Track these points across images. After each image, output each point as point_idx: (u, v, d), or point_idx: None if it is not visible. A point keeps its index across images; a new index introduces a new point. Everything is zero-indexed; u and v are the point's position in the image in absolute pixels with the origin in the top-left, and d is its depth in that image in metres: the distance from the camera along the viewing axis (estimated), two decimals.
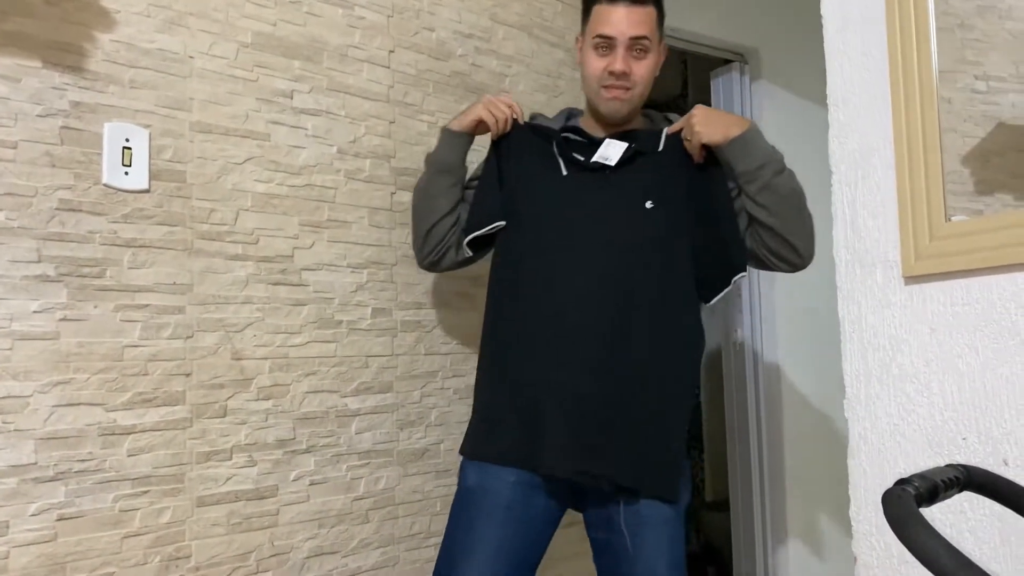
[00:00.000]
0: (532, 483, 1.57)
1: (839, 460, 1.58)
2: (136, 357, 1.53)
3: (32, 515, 1.40)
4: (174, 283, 1.58)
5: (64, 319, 1.45)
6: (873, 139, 1.52)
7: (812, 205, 1.72)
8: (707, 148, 1.62)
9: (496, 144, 1.71)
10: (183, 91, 1.62)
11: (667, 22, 2.70)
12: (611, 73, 1.61)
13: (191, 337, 1.60)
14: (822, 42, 1.64)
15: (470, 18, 2.12)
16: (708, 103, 3.19)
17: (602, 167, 1.62)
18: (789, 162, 3.13)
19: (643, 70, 1.63)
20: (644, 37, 1.61)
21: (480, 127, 1.70)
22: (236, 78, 1.69)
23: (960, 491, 0.96)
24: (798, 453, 2.99)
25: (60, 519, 1.43)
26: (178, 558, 1.55)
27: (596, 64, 1.63)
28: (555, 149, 1.66)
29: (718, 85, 3.13)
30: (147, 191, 1.56)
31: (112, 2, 1.54)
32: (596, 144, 1.65)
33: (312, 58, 1.81)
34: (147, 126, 1.57)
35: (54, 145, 1.46)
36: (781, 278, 3.03)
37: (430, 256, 1.74)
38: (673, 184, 1.62)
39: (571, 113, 1.79)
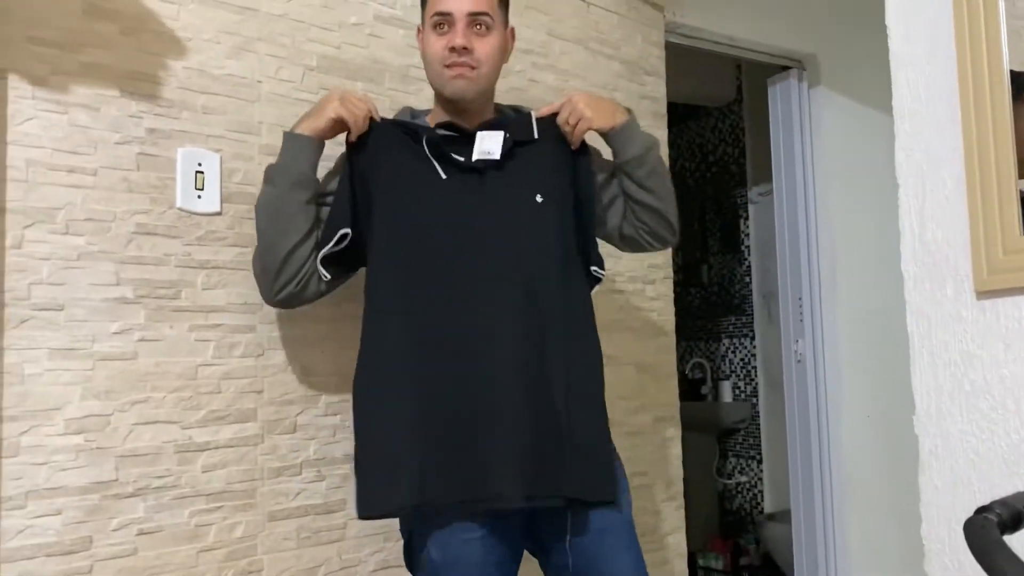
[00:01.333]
0: (492, 533, 1.42)
1: (902, 474, 1.56)
2: (210, 376, 1.57)
3: (114, 530, 1.45)
4: (245, 303, 1.62)
5: (142, 339, 1.50)
6: (941, 151, 1.50)
7: (879, 215, 1.69)
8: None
9: (353, 146, 1.53)
10: (252, 115, 1.67)
11: (721, 29, 2.71)
12: (452, 49, 1.50)
13: (262, 355, 1.64)
14: (883, 47, 1.62)
15: (527, 33, 2.14)
16: (765, 109, 3.16)
17: (484, 165, 1.49)
18: (855, 172, 3.09)
19: (487, 48, 1.53)
20: (484, 13, 1.52)
21: (336, 128, 1.51)
22: (302, 101, 1.73)
23: None
24: (859, 466, 2.94)
25: (140, 534, 1.48)
26: (251, 572, 1.59)
27: (436, 44, 1.53)
28: (426, 149, 1.49)
29: (775, 92, 3.10)
30: (219, 214, 1.61)
31: (184, 31, 1.59)
32: (469, 138, 1.52)
33: (374, 79, 1.85)
34: (218, 150, 1.62)
35: (131, 171, 1.52)
36: (844, 291, 2.98)
37: (288, 287, 1.50)
38: (557, 173, 1.56)
39: (414, 113, 1.66)
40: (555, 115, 1.58)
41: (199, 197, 1.58)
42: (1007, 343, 1.39)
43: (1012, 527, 0.87)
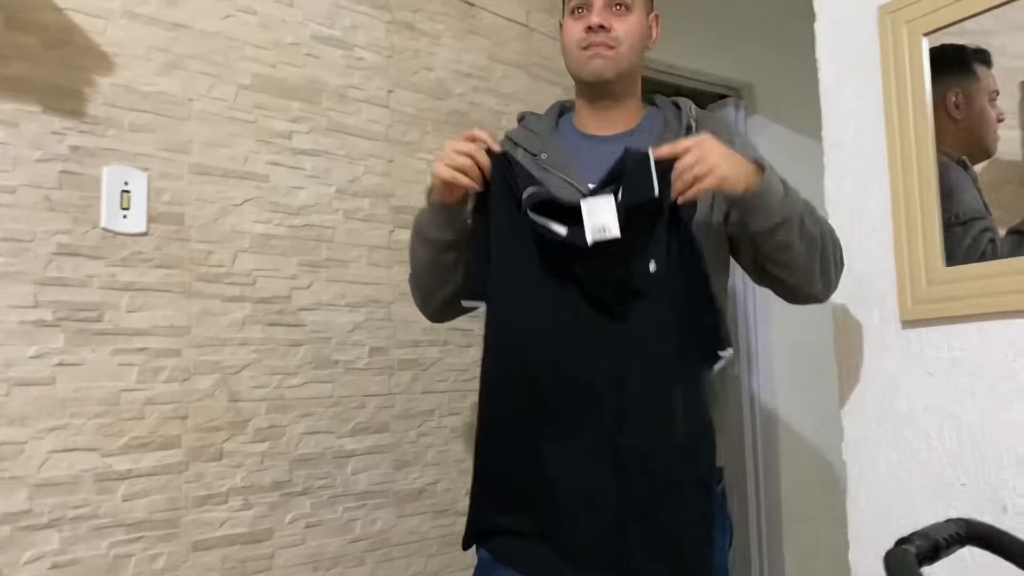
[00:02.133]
0: None
1: (837, 500, 1.58)
2: (132, 401, 1.52)
3: (26, 563, 1.39)
4: (171, 326, 1.58)
5: (61, 364, 1.45)
6: (869, 181, 1.53)
7: None
8: None
9: (478, 196, 1.34)
10: (182, 133, 1.63)
11: (662, 57, 2.74)
12: (589, 29, 1.40)
13: (188, 380, 1.59)
14: (815, 78, 1.66)
15: (468, 57, 2.14)
16: None
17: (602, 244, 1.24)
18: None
19: (626, 26, 1.42)
20: None
21: (455, 189, 1.32)
22: (235, 120, 1.70)
23: (961, 546, 0.95)
24: (795, 489, 2.98)
25: (53, 567, 1.41)
26: None
27: (573, 28, 1.43)
28: (529, 219, 1.28)
29: None
30: (145, 234, 1.56)
31: (112, 46, 1.55)
32: (575, 210, 1.25)
33: (311, 99, 1.82)
34: (146, 169, 1.57)
35: (53, 189, 1.47)
36: (777, 315, 3.03)
37: (437, 316, 1.53)
38: (676, 235, 1.28)
39: (563, 108, 1.57)
40: (675, 159, 1.26)
41: (124, 217, 1.54)
42: (931, 372, 1.42)
43: (931, 558, 0.88)
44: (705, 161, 1.22)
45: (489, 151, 1.31)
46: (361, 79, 1.91)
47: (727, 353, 1.29)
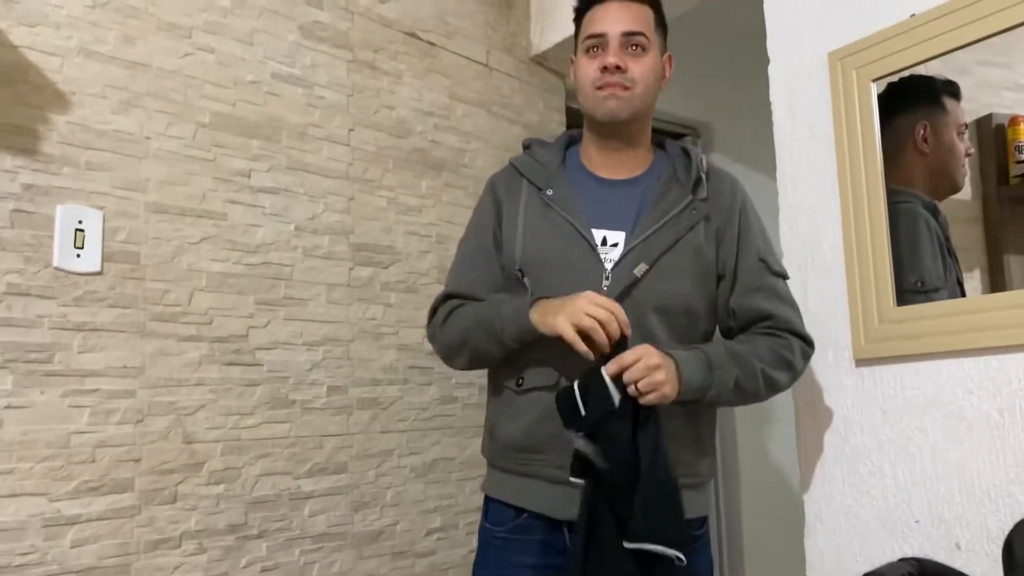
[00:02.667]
0: None
1: (796, 533, 1.58)
2: (83, 444, 1.49)
3: None
4: (125, 366, 1.55)
5: (8, 407, 1.41)
6: (822, 223, 1.56)
7: None
8: None
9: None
10: (139, 172, 1.61)
11: None
12: (604, 68, 1.40)
13: (141, 421, 1.56)
14: (771, 119, 1.69)
15: (430, 96, 2.15)
16: None
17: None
18: None
19: (641, 67, 1.41)
20: (639, 33, 1.41)
21: (583, 344, 1.25)
22: (193, 158, 1.69)
23: None
24: (760, 540, 2.98)
25: None
26: None
27: (588, 67, 1.42)
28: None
29: None
30: (100, 273, 1.54)
31: (68, 84, 1.54)
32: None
33: (271, 137, 1.82)
34: (101, 208, 1.55)
35: (3, 228, 1.44)
36: None
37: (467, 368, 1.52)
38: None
39: (571, 139, 1.56)
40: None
41: (78, 256, 1.51)
42: (884, 410, 1.45)
43: None
44: (653, 381, 1.23)
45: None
46: (322, 117, 1.92)
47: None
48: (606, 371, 1.24)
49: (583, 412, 1.24)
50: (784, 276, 1.44)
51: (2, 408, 1.41)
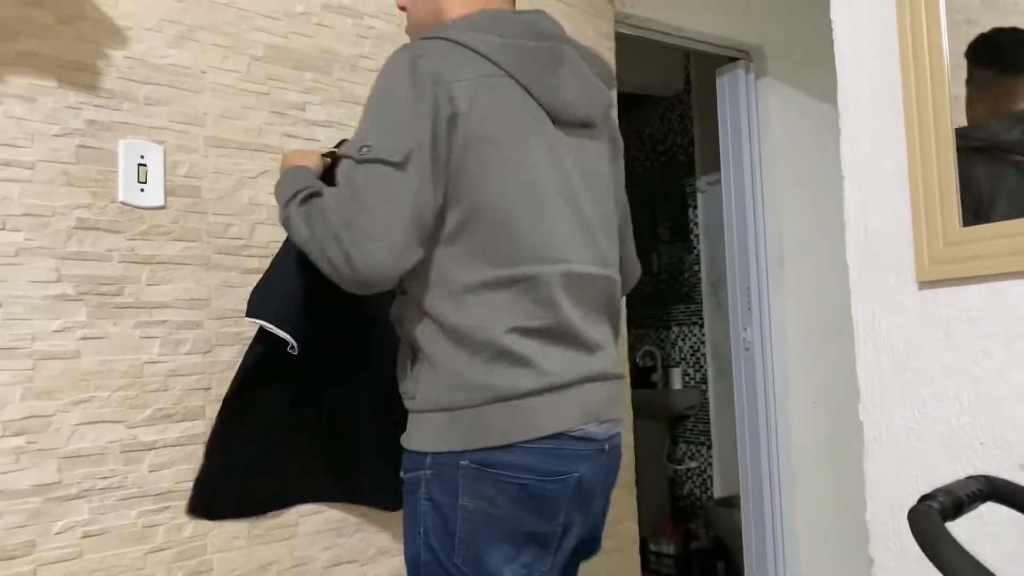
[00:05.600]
0: None
1: (848, 460, 1.59)
2: (156, 373, 1.54)
3: (57, 533, 1.42)
4: (192, 298, 1.59)
5: (84, 338, 1.46)
6: (885, 143, 1.53)
7: (826, 205, 1.70)
8: None
9: None
10: (196, 106, 1.63)
11: (669, 19, 2.73)
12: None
13: (210, 352, 1.61)
14: (828, 40, 1.64)
15: None
16: (713, 100, 3.20)
17: None
18: (802, 162, 3.11)
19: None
20: None
21: None
22: (248, 92, 1.69)
23: (983, 503, 0.97)
24: (807, 452, 3.00)
25: (85, 536, 1.44)
26: (200, 572, 1.57)
27: None
28: None
29: (723, 83, 3.13)
30: (163, 207, 1.57)
31: (124, 19, 1.55)
32: None
33: (323, 69, 1.82)
34: (161, 142, 1.58)
35: (71, 164, 1.47)
36: (791, 280, 3.03)
37: None
38: None
39: None
40: None
41: (142, 191, 1.54)
42: (946, 332, 1.43)
43: (953, 514, 0.90)
44: None
45: None
46: (372, 48, 1.91)
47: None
48: None
49: None
50: (352, 157, 1.23)
51: (78, 339, 1.46)
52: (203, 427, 1.59)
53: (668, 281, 4.34)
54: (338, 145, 1.55)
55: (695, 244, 4.19)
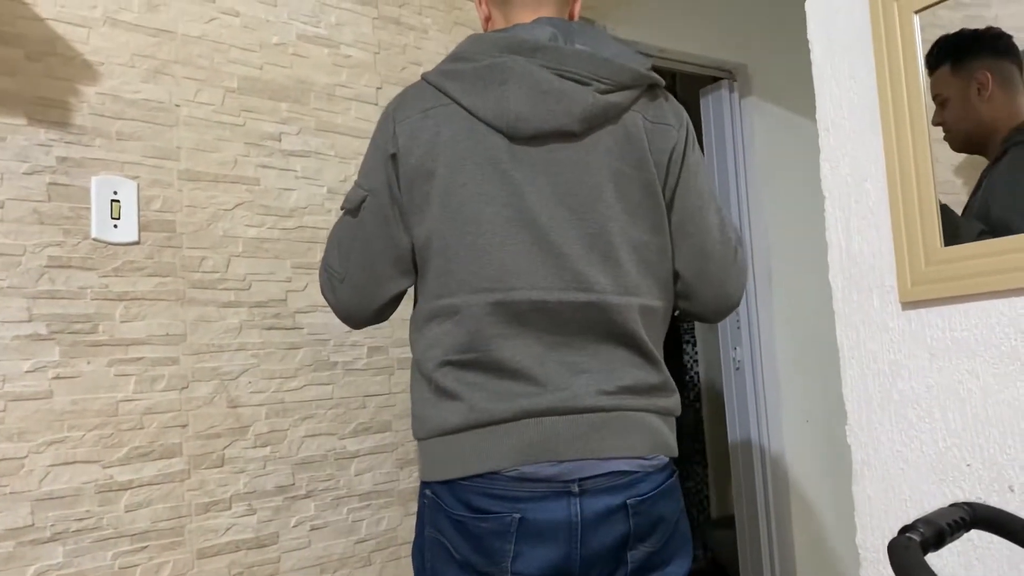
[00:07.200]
0: None
1: (841, 477, 1.57)
2: (131, 411, 1.52)
3: None
4: (167, 334, 1.57)
5: (57, 377, 1.44)
6: (865, 164, 1.52)
7: (811, 222, 1.69)
8: None
9: None
10: (170, 140, 1.62)
11: (654, 41, 2.73)
12: None
13: (186, 388, 1.58)
14: (808, 59, 1.64)
15: (459, 40, 2.11)
16: (698, 119, 3.19)
17: None
18: (787, 180, 3.09)
19: None
20: None
21: None
22: (223, 124, 1.68)
23: (967, 531, 0.94)
24: (800, 470, 2.98)
25: None
26: None
27: None
28: None
29: (708, 102, 3.13)
30: (137, 243, 1.55)
31: (95, 55, 1.54)
32: None
33: (299, 99, 1.81)
34: (135, 177, 1.56)
35: (41, 202, 1.46)
36: (779, 298, 3.01)
37: None
38: None
39: None
40: None
41: (115, 227, 1.53)
42: (932, 353, 1.41)
43: (935, 545, 0.87)
44: None
45: None
46: (349, 77, 1.90)
47: None
48: None
49: None
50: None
51: (51, 379, 1.44)
52: (181, 464, 1.56)
53: None
54: None
55: None
